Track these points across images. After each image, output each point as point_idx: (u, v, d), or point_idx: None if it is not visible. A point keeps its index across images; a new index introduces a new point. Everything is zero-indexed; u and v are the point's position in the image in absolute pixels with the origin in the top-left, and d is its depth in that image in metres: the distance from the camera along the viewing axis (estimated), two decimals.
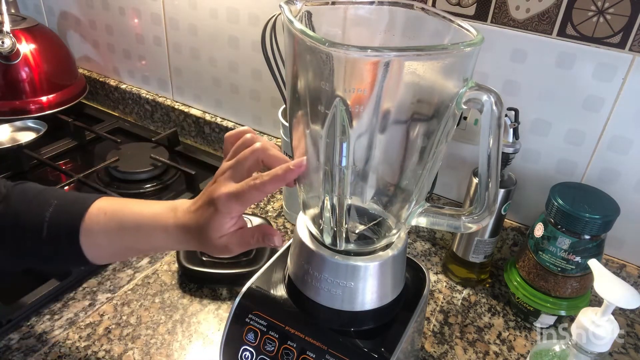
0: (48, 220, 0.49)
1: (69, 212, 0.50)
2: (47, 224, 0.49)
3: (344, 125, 0.39)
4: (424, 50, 0.36)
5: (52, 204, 0.50)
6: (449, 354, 0.64)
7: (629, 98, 0.62)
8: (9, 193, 0.51)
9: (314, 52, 0.37)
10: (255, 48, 0.91)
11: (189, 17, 0.96)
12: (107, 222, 0.49)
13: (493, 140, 0.41)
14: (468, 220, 0.47)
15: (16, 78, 1.03)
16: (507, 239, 0.78)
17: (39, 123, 1.03)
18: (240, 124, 1.01)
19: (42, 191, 0.52)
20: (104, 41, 1.15)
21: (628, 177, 0.66)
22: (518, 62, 0.67)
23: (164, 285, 0.71)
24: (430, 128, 0.42)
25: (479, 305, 0.72)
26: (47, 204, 0.50)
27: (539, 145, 0.70)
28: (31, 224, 0.49)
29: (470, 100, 0.40)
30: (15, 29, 1.03)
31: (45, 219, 0.49)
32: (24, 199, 0.51)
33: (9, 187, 0.52)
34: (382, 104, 0.39)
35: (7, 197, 0.51)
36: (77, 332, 0.63)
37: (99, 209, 0.50)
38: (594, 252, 0.61)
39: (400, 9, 0.47)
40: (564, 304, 0.65)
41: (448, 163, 0.78)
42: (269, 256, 0.73)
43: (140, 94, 1.14)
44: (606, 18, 0.59)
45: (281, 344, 0.48)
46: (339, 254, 0.47)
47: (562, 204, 0.61)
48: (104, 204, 0.51)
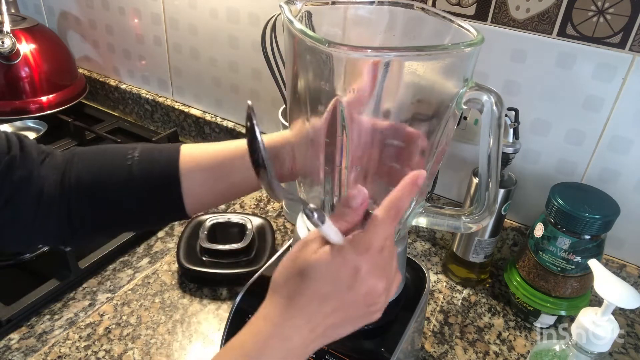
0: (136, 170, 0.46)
1: (158, 160, 0.47)
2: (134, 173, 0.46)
3: (344, 125, 0.39)
4: (424, 50, 0.36)
5: (134, 156, 0.47)
6: (449, 354, 0.64)
7: (629, 98, 0.62)
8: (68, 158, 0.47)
9: (314, 52, 0.37)
10: (255, 48, 0.91)
11: (189, 17, 0.96)
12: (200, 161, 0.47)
13: (493, 140, 0.41)
14: (468, 220, 0.47)
15: (16, 78, 1.03)
16: (507, 239, 0.78)
17: (39, 123, 1.03)
18: (241, 124, 1.01)
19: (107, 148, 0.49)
20: (104, 41, 1.15)
21: (628, 177, 0.66)
22: (518, 62, 0.67)
23: (164, 285, 0.71)
24: (430, 128, 0.42)
25: (479, 305, 0.72)
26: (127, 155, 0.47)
27: (539, 145, 0.70)
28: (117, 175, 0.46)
29: (471, 100, 0.40)
30: (15, 29, 1.03)
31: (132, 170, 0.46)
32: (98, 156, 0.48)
33: (65, 155, 0.48)
34: (382, 104, 0.39)
35: (70, 161, 0.47)
36: (77, 332, 0.63)
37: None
38: (594, 252, 0.61)
39: (400, 9, 0.47)
40: (564, 304, 0.65)
41: (448, 163, 0.78)
42: (269, 256, 0.73)
43: (140, 94, 1.13)
44: (606, 18, 0.59)
45: None
46: None
47: (562, 204, 0.61)
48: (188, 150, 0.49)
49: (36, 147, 0.47)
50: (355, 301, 0.35)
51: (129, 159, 0.47)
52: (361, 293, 0.34)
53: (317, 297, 0.34)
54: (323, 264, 0.34)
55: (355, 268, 0.34)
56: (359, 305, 0.35)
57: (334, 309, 0.34)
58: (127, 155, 0.47)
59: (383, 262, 0.35)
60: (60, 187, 0.45)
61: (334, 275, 0.34)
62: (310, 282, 0.34)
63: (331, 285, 0.34)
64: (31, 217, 0.44)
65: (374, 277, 0.34)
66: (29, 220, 0.44)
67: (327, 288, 0.34)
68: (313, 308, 0.34)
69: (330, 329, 0.35)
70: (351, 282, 0.34)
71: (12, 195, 0.43)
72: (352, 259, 0.34)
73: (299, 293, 0.34)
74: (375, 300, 0.36)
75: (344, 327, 0.36)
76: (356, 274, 0.34)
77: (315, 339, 0.35)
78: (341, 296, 0.34)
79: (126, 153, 0.47)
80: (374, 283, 0.35)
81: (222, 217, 0.78)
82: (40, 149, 0.47)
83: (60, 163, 0.47)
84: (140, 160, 0.47)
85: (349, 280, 0.34)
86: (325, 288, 0.34)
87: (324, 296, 0.34)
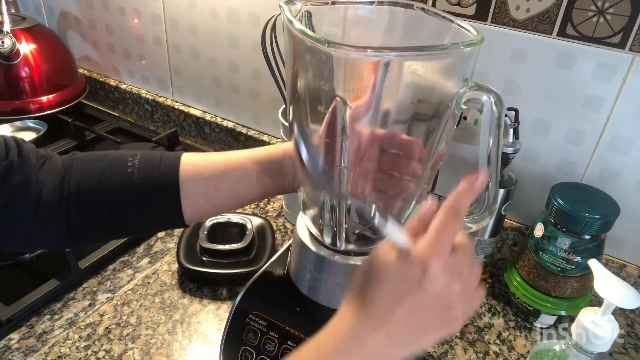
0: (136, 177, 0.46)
1: (157, 169, 0.47)
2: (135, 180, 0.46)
3: (344, 125, 0.39)
4: (424, 50, 0.36)
5: (134, 164, 0.47)
6: (449, 354, 0.64)
7: (629, 98, 0.62)
8: (67, 163, 0.47)
9: (313, 52, 0.37)
10: (255, 48, 0.91)
11: (189, 17, 0.96)
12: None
13: (493, 140, 0.41)
14: (468, 220, 0.47)
15: (16, 78, 1.03)
16: (507, 239, 0.78)
17: (39, 123, 1.03)
18: (240, 124, 1.01)
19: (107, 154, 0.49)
20: (104, 41, 1.15)
21: (628, 177, 0.66)
22: (518, 62, 0.67)
23: (164, 285, 0.71)
24: (430, 128, 0.42)
25: (479, 305, 0.72)
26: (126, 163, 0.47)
27: (539, 145, 0.70)
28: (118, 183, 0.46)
29: (470, 100, 0.40)
30: (15, 29, 1.03)
31: (132, 177, 0.46)
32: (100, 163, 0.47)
33: (64, 160, 0.48)
34: (382, 104, 0.39)
35: (69, 167, 0.47)
36: (77, 332, 0.63)
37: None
38: (594, 252, 0.61)
39: (400, 9, 0.47)
40: (564, 304, 0.65)
41: (448, 163, 0.78)
42: (269, 256, 0.73)
43: (140, 94, 1.13)
44: (606, 18, 0.59)
45: (281, 344, 0.48)
46: (339, 254, 0.47)
47: (562, 204, 0.61)
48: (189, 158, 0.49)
49: (35, 151, 0.47)
50: (428, 302, 0.34)
51: (129, 166, 0.47)
52: (432, 293, 0.33)
53: (388, 298, 0.34)
54: (392, 264, 0.34)
55: (423, 266, 0.33)
56: (433, 307, 0.34)
57: (407, 312, 0.33)
58: (127, 163, 0.47)
59: (455, 262, 0.34)
60: (59, 192, 0.45)
61: (403, 275, 0.33)
62: (380, 284, 0.34)
63: (400, 285, 0.33)
64: (30, 221, 0.44)
65: (445, 277, 0.33)
66: (28, 225, 0.44)
67: (396, 288, 0.33)
68: (385, 310, 0.33)
69: (408, 335, 0.34)
70: (420, 280, 0.33)
71: (11, 200, 0.43)
72: (420, 258, 0.33)
73: (370, 295, 0.34)
74: (450, 303, 0.34)
75: (423, 334, 0.35)
76: (425, 272, 0.33)
77: (392, 345, 0.34)
78: (412, 296, 0.33)
79: (126, 160, 0.47)
80: (445, 283, 0.33)
81: (222, 217, 0.79)
82: (39, 153, 0.47)
83: (60, 168, 0.47)
84: (140, 168, 0.47)
85: (418, 279, 0.33)
86: (395, 288, 0.34)
87: (394, 297, 0.33)
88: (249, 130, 1.00)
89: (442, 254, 0.33)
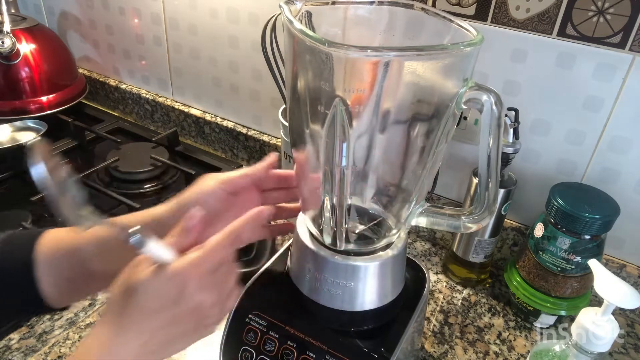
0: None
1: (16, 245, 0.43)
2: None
3: (343, 126, 0.39)
4: (424, 50, 0.36)
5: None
6: (449, 354, 0.64)
7: (629, 98, 0.62)
8: None
9: (313, 52, 0.37)
10: (255, 48, 0.91)
11: (189, 17, 0.96)
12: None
13: (493, 140, 0.41)
14: (468, 220, 0.47)
15: (16, 78, 1.03)
16: (507, 239, 0.78)
17: (39, 123, 1.02)
18: (240, 124, 1.01)
19: None
20: (104, 41, 1.15)
21: (628, 177, 0.66)
22: (518, 62, 0.67)
23: None
24: (430, 128, 0.42)
25: (479, 305, 0.72)
26: None
27: (539, 145, 0.70)
28: None
29: (470, 100, 0.40)
30: (15, 29, 1.03)
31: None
32: None
33: None
34: (382, 104, 0.39)
35: None
36: (77, 332, 0.63)
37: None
38: (594, 252, 0.61)
39: (400, 9, 0.47)
40: (564, 304, 0.65)
41: (448, 163, 0.78)
42: (269, 256, 0.73)
43: (140, 94, 1.13)
44: (606, 18, 0.59)
45: (281, 344, 0.48)
46: (339, 254, 0.47)
47: (562, 204, 0.61)
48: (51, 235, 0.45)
49: None
50: (184, 316, 0.35)
51: None
52: (189, 308, 0.35)
53: (145, 313, 0.35)
54: (149, 280, 0.35)
55: (181, 284, 0.35)
56: (189, 320, 0.36)
57: (164, 325, 0.35)
58: None
59: (214, 281, 0.36)
60: None
61: (160, 291, 0.35)
62: (138, 299, 0.34)
63: (158, 301, 0.35)
64: None
65: (202, 294, 0.35)
66: None
67: (154, 303, 0.35)
68: (142, 324, 0.35)
69: (164, 343, 0.36)
70: (177, 297, 0.35)
71: None
72: (178, 275, 0.34)
73: (127, 310, 0.35)
74: (205, 314, 0.37)
75: (178, 341, 0.37)
76: (183, 289, 0.35)
77: (147, 354, 0.35)
78: (169, 311, 0.35)
79: None
80: (202, 299, 0.36)
81: None
82: None
83: None
84: (1, 247, 0.43)
85: (175, 295, 0.35)
86: (153, 304, 0.35)
87: (151, 312, 0.35)
88: (249, 130, 1.00)
89: (204, 273, 0.35)
